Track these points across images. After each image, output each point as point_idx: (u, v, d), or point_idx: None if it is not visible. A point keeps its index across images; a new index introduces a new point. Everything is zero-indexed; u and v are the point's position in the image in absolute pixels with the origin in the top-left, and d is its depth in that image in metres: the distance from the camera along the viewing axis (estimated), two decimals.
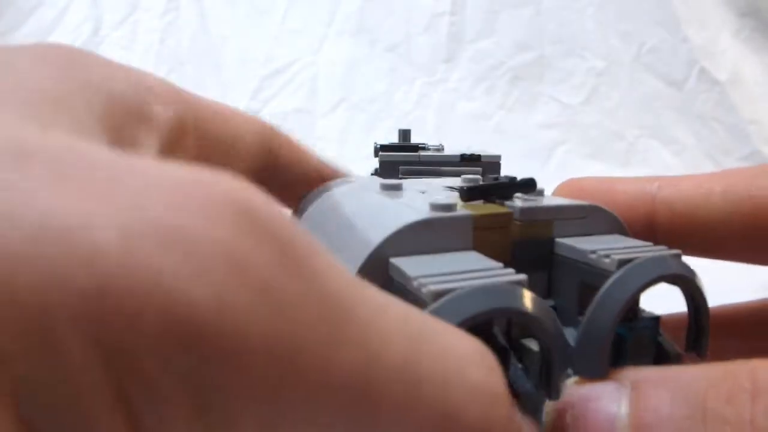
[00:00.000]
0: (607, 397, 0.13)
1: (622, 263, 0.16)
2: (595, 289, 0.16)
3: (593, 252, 0.17)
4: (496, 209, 0.19)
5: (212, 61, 1.01)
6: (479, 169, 0.41)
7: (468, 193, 0.20)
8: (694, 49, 1.04)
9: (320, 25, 1.04)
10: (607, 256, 0.17)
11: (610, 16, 1.05)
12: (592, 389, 0.13)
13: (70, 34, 0.99)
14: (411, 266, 0.16)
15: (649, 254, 0.17)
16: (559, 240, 0.18)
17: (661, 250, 0.18)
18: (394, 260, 0.16)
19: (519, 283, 0.15)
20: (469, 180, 0.23)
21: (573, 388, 0.14)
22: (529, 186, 0.20)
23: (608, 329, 0.15)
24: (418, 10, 1.05)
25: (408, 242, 0.16)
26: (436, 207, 0.18)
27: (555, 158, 0.96)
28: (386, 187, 0.21)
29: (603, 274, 0.16)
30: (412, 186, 0.22)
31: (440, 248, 0.17)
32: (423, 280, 0.15)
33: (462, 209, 0.18)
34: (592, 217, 0.20)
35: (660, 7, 1.05)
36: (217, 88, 0.99)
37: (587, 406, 0.13)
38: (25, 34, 0.98)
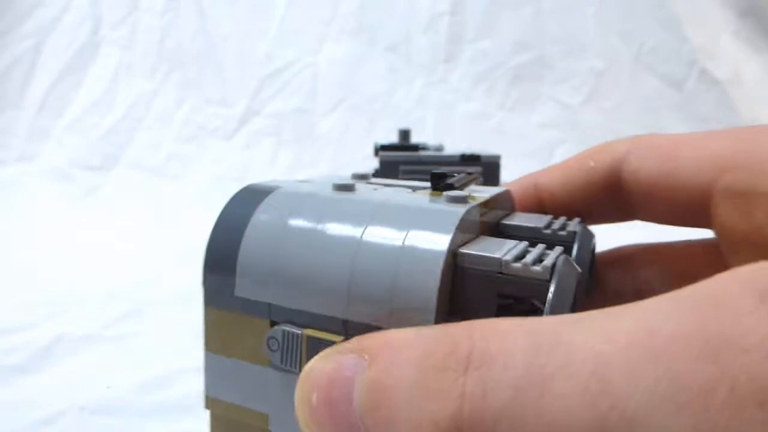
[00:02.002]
0: (348, 372, 0.12)
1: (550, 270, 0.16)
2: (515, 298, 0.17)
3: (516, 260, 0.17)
4: (479, 198, 0.20)
5: (212, 61, 1.01)
6: (479, 168, 0.41)
7: (441, 184, 0.20)
8: (694, 49, 1.04)
9: (320, 24, 1.04)
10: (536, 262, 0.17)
11: (610, 16, 1.05)
12: (334, 363, 0.13)
13: (69, 34, 0.99)
14: (488, 251, 0.17)
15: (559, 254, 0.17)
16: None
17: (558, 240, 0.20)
18: (465, 249, 0.17)
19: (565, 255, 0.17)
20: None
21: (317, 363, 0.13)
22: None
23: None
24: (418, 10, 1.05)
25: (458, 234, 0.17)
26: (455, 199, 0.18)
27: (555, 158, 0.95)
28: (342, 188, 0.20)
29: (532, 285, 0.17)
30: (365, 186, 0.22)
31: (469, 236, 0.18)
32: (522, 262, 0.16)
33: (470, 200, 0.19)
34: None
35: (660, 7, 1.05)
36: (217, 88, 0.99)
37: (330, 384, 0.13)
38: (24, 34, 0.98)
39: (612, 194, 0.22)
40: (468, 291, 0.17)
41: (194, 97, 0.99)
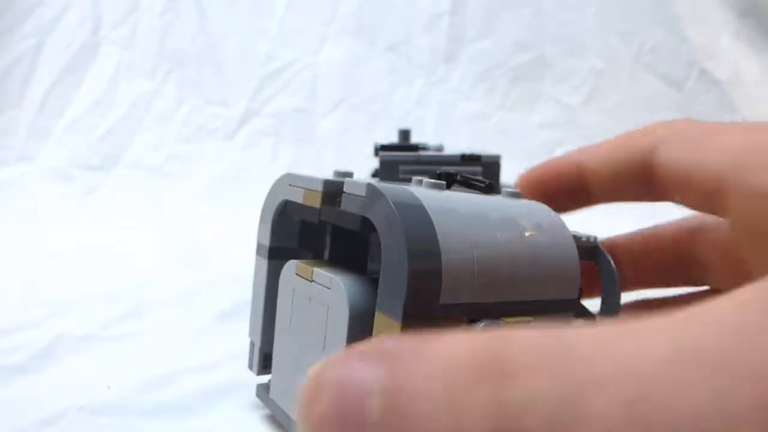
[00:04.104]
0: (362, 377, 0.11)
1: None
2: None
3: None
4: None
5: (212, 61, 1.01)
6: (479, 168, 0.41)
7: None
8: (694, 49, 1.04)
9: (320, 24, 1.04)
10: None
11: (610, 16, 1.05)
12: (347, 366, 0.11)
13: (69, 33, 0.99)
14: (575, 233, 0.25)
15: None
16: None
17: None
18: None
19: None
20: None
21: (328, 366, 0.12)
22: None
23: None
24: (418, 10, 1.05)
25: None
26: (516, 194, 0.25)
27: None
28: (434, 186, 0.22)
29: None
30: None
31: None
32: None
33: None
34: None
35: (660, 7, 1.05)
36: (217, 88, 0.99)
37: (341, 390, 0.11)
38: (24, 34, 0.98)
39: (646, 178, 0.24)
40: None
41: (194, 97, 0.99)
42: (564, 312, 0.20)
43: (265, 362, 0.24)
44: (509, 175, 0.46)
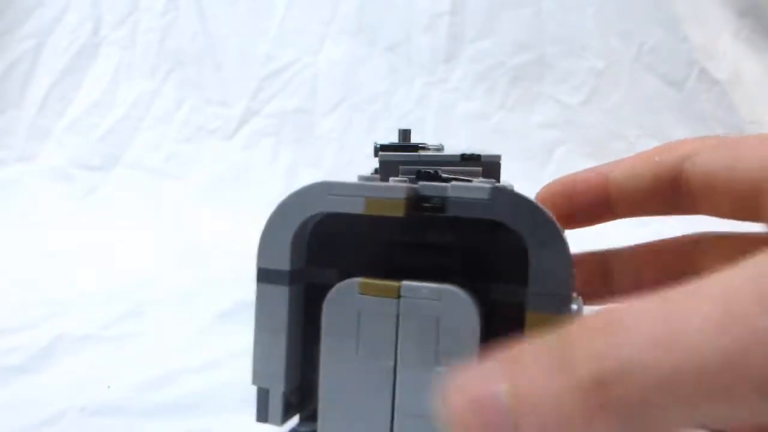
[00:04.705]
0: (488, 372, 0.14)
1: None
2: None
3: None
4: None
5: (212, 61, 1.01)
6: (479, 169, 0.41)
7: None
8: (694, 49, 1.04)
9: (320, 24, 1.04)
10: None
11: (610, 16, 1.05)
12: (473, 374, 0.14)
13: (70, 34, 0.99)
14: None
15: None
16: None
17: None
18: None
19: None
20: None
21: (457, 378, 0.15)
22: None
23: None
24: (418, 10, 1.05)
25: None
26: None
27: (555, 158, 0.95)
28: None
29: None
30: None
31: None
32: None
33: None
34: None
35: (660, 7, 1.05)
36: (217, 88, 0.99)
37: (475, 394, 0.14)
38: (25, 34, 0.98)
39: (674, 188, 0.23)
40: None
41: (194, 97, 0.99)
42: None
43: (286, 407, 0.22)
44: (509, 175, 0.46)
